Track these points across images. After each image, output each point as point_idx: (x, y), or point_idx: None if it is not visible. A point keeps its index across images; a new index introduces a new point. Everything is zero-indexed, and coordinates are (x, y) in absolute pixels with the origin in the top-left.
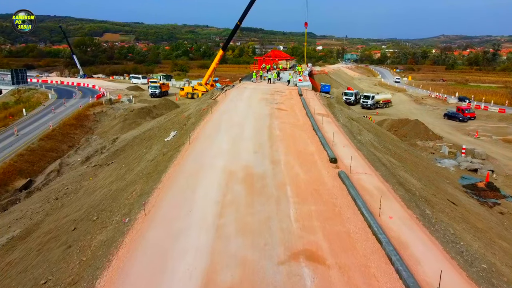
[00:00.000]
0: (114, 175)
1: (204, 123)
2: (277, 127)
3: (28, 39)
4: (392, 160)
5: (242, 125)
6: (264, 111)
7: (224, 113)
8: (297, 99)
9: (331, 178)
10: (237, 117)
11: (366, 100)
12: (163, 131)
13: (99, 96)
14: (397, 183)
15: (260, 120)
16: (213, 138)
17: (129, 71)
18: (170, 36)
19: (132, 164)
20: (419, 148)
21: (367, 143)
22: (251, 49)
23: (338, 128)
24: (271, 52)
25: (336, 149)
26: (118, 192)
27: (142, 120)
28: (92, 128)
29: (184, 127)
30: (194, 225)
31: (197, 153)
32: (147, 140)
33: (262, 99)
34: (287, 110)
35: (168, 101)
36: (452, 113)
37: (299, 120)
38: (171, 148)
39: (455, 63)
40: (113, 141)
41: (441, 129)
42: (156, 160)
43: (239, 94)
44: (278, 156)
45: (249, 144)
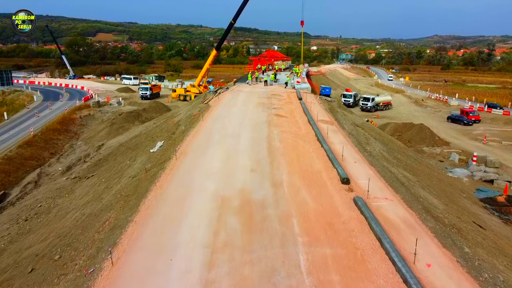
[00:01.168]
0: (92, 193)
1: (195, 132)
2: (277, 137)
3: (20, 39)
4: (407, 175)
5: (237, 135)
6: (261, 118)
7: (217, 120)
8: (296, 104)
9: (346, 206)
10: (231, 126)
11: (366, 103)
12: (150, 139)
13: (87, 98)
14: (423, 209)
15: (257, 129)
16: (203, 151)
17: (121, 72)
18: (164, 36)
19: (112, 179)
20: (426, 155)
21: (378, 155)
22: (245, 49)
23: (345, 138)
24: (267, 52)
25: (346, 166)
26: (90, 219)
27: (131, 125)
28: (77, 133)
29: (172, 136)
30: (175, 284)
31: (184, 172)
32: (132, 149)
33: (259, 104)
34: (287, 116)
35: (159, 104)
36: (456, 116)
37: (301, 129)
38: (155, 163)
39: (451, 63)
40: (98, 148)
41: (446, 134)
42: (137, 178)
43: (234, 98)
44: (280, 176)
45: (245, 160)
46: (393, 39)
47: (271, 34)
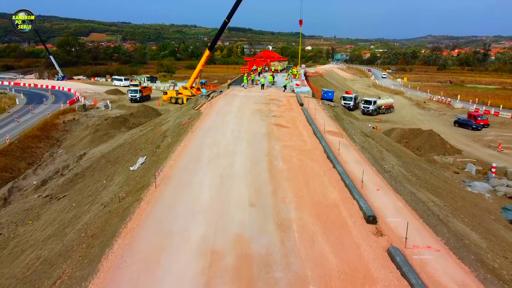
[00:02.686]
0: (57, 223)
1: (182, 147)
2: (279, 155)
3: (11, 39)
4: (434, 199)
5: (231, 152)
6: (259, 129)
7: (208, 132)
8: (298, 111)
9: (380, 262)
10: (224, 140)
11: (367, 106)
12: (133, 151)
13: (72, 101)
14: (476, 260)
15: (256, 144)
16: (190, 176)
17: (112, 72)
18: (157, 36)
19: (83, 205)
20: (439, 165)
21: (398, 175)
22: (239, 49)
23: (359, 154)
24: (263, 52)
25: (368, 194)
26: (43, 269)
27: (116, 131)
28: (60, 139)
29: (156, 151)
30: None
31: (164, 207)
32: (113, 163)
33: (256, 111)
34: (289, 126)
35: (148, 108)
36: (464, 120)
37: (306, 143)
38: (132, 188)
39: (447, 64)
40: (79, 158)
41: (455, 140)
42: (109, 210)
43: (228, 103)
44: (287, 213)
45: (241, 188)
46: (387, 39)
47: (265, 34)
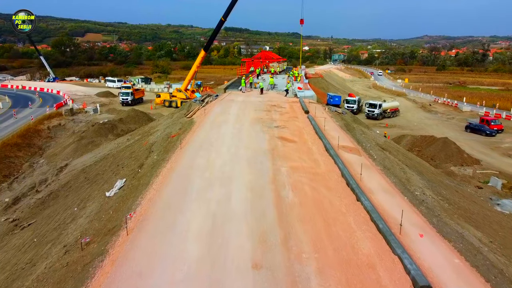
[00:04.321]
0: (6, 273)
1: (167, 171)
2: (287, 181)
3: (6, 39)
4: (477, 234)
5: (227, 178)
6: (261, 144)
7: (200, 148)
8: (304, 120)
9: None
10: (219, 159)
11: (372, 109)
12: (114, 168)
13: (60, 105)
14: None
15: (258, 165)
16: (173, 216)
17: (105, 73)
18: (154, 36)
19: (43, 244)
20: (459, 178)
21: (434, 206)
22: (236, 50)
23: (384, 178)
24: (261, 53)
25: (410, 244)
26: None
27: (103, 139)
28: (43, 147)
29: (138, 172)
30: None
31: (132, 273)
32: (90, 183)
33: (256, 120)
34: (295, 140)
35: (138, 113)
36: (476, 125)
37: (319, 163)
38: (100, 228)
39: (446, 64)
40: (59, 170)
41: (470, 148)
42: (67, 261)
43: (224, 110)
44: (306, 280)
45: (241, 237)
46: (383, 39)
47: (262, 34)
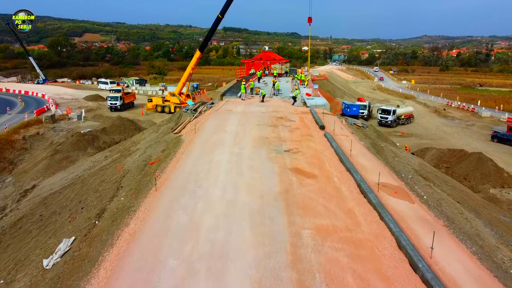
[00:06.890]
0: None
1: (129, 237)
2: (315, 261)
3: (3, 39)
4: None
5: (219, 256)
6: (268, 182)
7: (184, 192)
8: (320, 139)
9: None
10: (209, 213)
11: (385, 116)
12: (74, 206)
13: (41, 110)
14: None
15: (266, 226)
16: None
17: (99, 75)
18: (152, 36)
19: None
20: (506, 206)
21: None
22: (235, 50)
23: (466, 252)
24: (262, 53)
25: None
26: None
27: (80, 154)
28: (14, 162)
29: (95, 224)
30: None
31: None
32: (40, 229)
33: (260, 141)
34: (315, 175)
35: (125, 122)
36: (505, 135)
37: (358, 221)
38: None
39: (449, 64)
40: (23, 195)
41: (504, 163)
42: None
43: (219, 126)
44: None
45: None
46: (383, 39)
47: (261, 34)
